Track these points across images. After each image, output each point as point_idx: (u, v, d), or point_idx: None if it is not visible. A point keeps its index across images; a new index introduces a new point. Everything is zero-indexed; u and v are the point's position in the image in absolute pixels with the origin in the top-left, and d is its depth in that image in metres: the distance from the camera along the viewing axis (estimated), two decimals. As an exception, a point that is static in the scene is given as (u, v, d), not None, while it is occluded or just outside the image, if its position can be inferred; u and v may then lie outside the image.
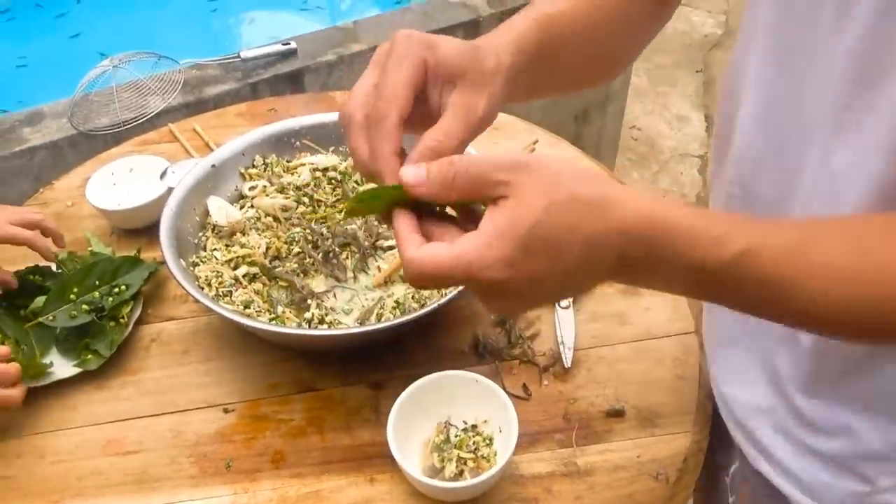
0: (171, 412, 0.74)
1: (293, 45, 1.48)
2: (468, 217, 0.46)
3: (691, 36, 3.14)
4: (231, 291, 0.78)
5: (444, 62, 0.48)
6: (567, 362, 0.79)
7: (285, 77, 1.44)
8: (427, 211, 0.45)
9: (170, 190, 0.93)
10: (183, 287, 0.72)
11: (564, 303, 0.85)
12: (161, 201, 0.92)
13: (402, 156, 0.47)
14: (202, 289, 0.78)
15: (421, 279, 0.42)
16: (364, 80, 0.48)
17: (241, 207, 0.89)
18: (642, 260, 0.43)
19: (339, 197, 0.91)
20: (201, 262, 0.81)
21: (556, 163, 0.43)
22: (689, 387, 0.78)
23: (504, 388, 0.76)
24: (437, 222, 0.45)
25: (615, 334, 0.84)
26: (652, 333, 0.84)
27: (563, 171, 0.43)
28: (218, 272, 0.79)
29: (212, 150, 1.09)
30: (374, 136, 0.46)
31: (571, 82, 0.65)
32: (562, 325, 0.83)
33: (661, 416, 0.75)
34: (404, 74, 0.47)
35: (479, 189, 0.42)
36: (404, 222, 0.44)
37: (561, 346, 0.81)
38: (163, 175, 0.96)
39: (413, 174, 0.43)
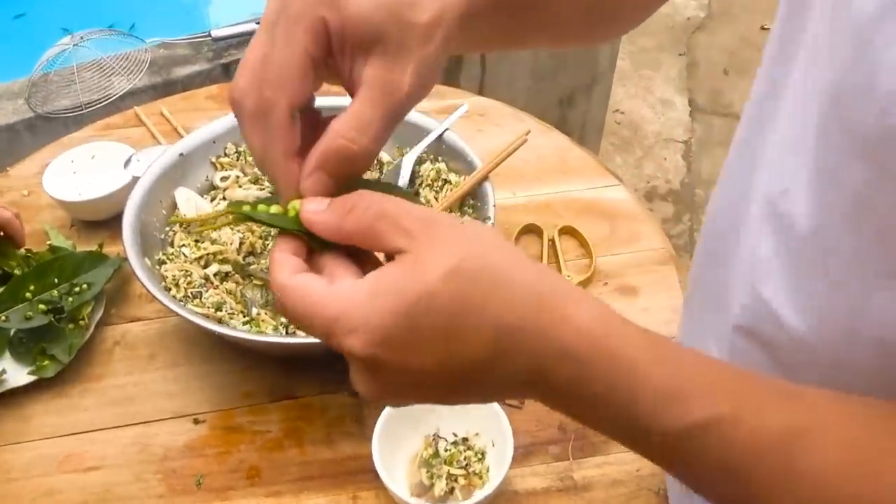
0: (137, 423, 0.69)
1: (268, 23, 1.40)
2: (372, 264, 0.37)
3: (674, 18, 3.10)
4: (201, 292, 0.72)
5: (352, 22, 0.36)
6: (561, 368, 0.74)
7: (260, 57, 1.36)
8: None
9: (134, 179, 0.87)
10: (148, 290, 0.66)
11: (557, 303, 0.81)
12: (125, 192, 0.85)
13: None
14: (169, 290, 0.72)
15: (287, 314, 0.34)
16: (252, 51, 0.36)
17: (212, 200, 0.83)
18: (569, 386, 0.33)
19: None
20: (168, 259, 0.75)
21: (487, 231, 0.35)
22: (689, 393, 0.74)
23: (495, 396, 0.72)
24: (339, 255, 0.36)
25: (611, 337, 0.79)
26: (649, 336, 0.79)
27: (488, 238, 0.34)
28: (186, 271, 0.73)
29: (180, 135, 1.02)
30: (263, 131, 0.36)
31: (556, 34, 0.50)
32: (555, 327, 0.78)
33: (660, 426, 0.71)
34: (296, 46, 0.35)
35: (376, 235, 0.33)
36: (286, 240, 0.36)
37: (554, 350, 0.76)
38: (127, 163, 0.89)
39: (311, 209, 0.35)
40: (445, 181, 0.84)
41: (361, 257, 0.36)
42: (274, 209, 0.36)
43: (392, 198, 0.34)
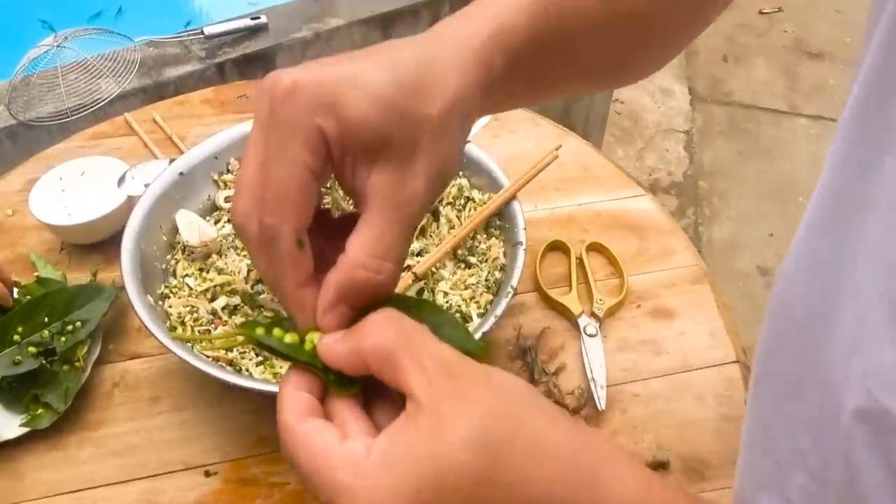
0: (141, 477, 0.63)
1: (263, 18, 1.33)
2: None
3: (674, 5, 3.02)
4: (209, 330, 0.66)
5: (352, 127, 0.31)
6: (601, 404, 0.69)
7: (255, 56, 1.29)
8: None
9: (129, 199, 0.80)
10: (156, 337, 0.60)
11: (591, 329, 0.76)
12: (119, 212, 0.79)
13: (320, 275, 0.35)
14: (174, 328, 0.65)
15: (290, 460, 0.31)
16: (248, 164, 0.32)
17: (217, 222, 0.77)
18: None
19: (330, 205, 0.79)
20: (172, 293, 0.69)
21: (516, 386, 0.31)
22: (737, 429, 0.69)
23: (530, 437, 0.66)
24: (354, 406, 0.32)
25: (649, 367, 0.74)
26: (689, 364, 0.74)
27: (518, 395, 0.31)
28: (193, 306, 0.67)
29: (175, 144, 0.95)
30: (270, 260, 0.32)
31: (585, 81, 0.47)
32: (590, 358, 0.73)
33: (710, 467, 0.66)
34: (294, 165, 0.31)
35: (394, 367, 0.30)
36: (299, 375, 0.33)
37: (592, 384, 0.71)
38: (121, 181, 0.82)
39: (330, 342, 0.32)
40: (468, 199, 0.78)
41: (380, 397, 0.33)
42: (289, 338, 0.33)
43: (417, 326, 0.31)
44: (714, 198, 2.32)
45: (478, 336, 0.61)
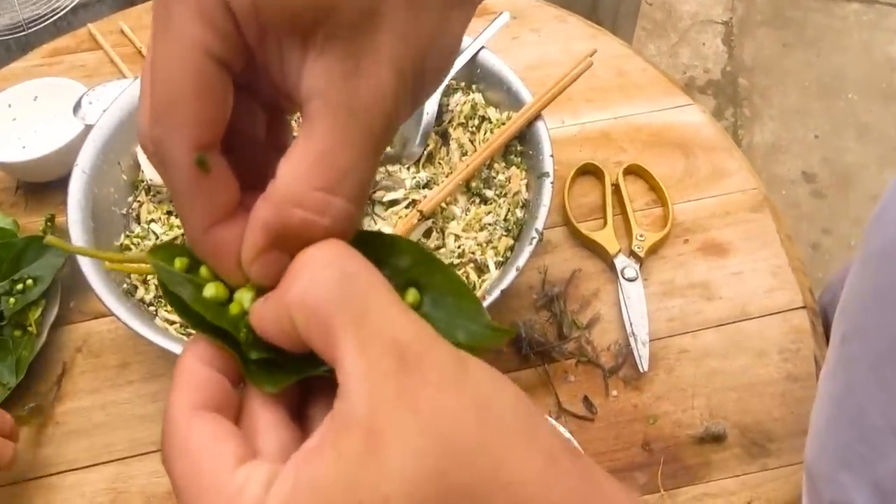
0: (108, 461, 0.54)
1: None
2: None
3: None
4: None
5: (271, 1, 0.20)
6: (642, 364, 0.59)
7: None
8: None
9: (87, 129, 0.68)
10: (104, 303, 0.49)
11: (630, 271, 0.64)
12: (76, 145, 0.67)
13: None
14: (136, 288, 0.55)
15: (166, 459, 0.22)
16: (147, 53, 0.23)
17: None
18: None
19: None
20: (134, 244, 0.58)
21: (500, 388, 0.20)
22: (806, 391, 0.59)
23: (559, 405, 0.56)
24: (278, 409, 0.23)
25: (699, 315, 0.63)
26: (747, 312, 0.63)
27: (508, 403, 0.20)
28: (156, 261, 0.56)
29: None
30: (175, 189, 0.23)
31: None
32: (630, 307, 0.62)
33: (773, 440, 0.56)
34: (180, 47, 0.21)
35: (327, 335, 0.20)
36: (207, 346, 0.23)
37: (632, 339, 0.60)
38: (76, 106, 0.70)
39: (257, 312, 0.22)
40: (483, 118, 0.65)
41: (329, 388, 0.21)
42: (212, 290, 0.23)
43: (373, 275, 0.20)
44: (755, 96, 2.13)
45: (493, 298, 0.50)
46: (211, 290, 0.23)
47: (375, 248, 0.23)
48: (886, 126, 2.01)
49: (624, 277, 0.64)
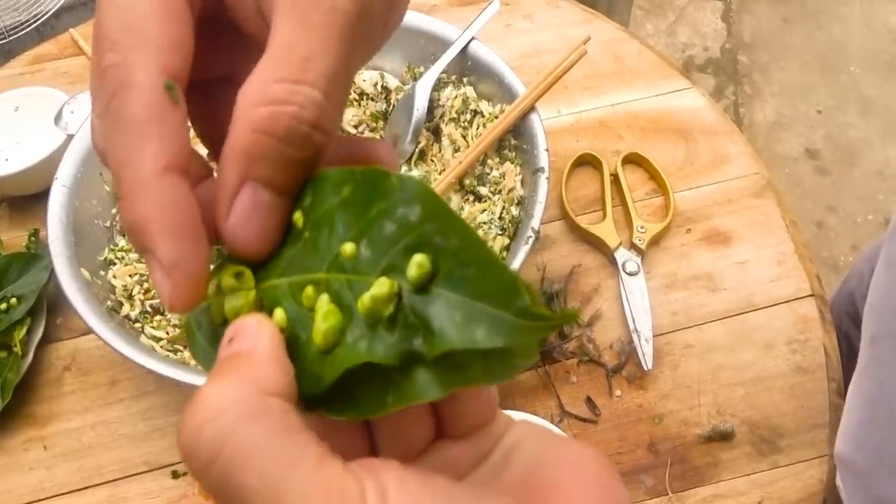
0: (99, 483, 0.53)
1: None
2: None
3: None
4: (162, 307, 0.54)
5: None
6: (646, 362, 0.57)
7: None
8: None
9: (69, 139, 0.66)
10: (84, 321, 0.48)
11: (632, 265, 0.62)
12: (59, 156, 0.65)
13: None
14: (121, 305, 0.53)
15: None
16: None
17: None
18: None
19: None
20: (118, 258, 0.56)
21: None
22: (815, 383, 0.57)
23: (562, 407, 0.55)
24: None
25: (703, 308, 0.61)
26: (753, 303, 0.61)
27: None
28: (142, 274, 0.54)
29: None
30: (118, 138, 0.19)
31: None
32: (632, 302, 0.60)
33: (783, 435, 0.54)
34: None
35: None
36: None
37: (635, 336, 0.58)
38: (58, 116, 0.68)
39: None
40: (475, 113, 0.63)
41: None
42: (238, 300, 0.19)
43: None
44: (755, 73, 2.09)
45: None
46: (218, 308, 0.19)
47: (379, 189, 0.18)
48: (889, 99, 1.98)
49: (625, 272, 0.62)
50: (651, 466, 0.53)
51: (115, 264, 0.55)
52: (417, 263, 0.16)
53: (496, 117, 0.61)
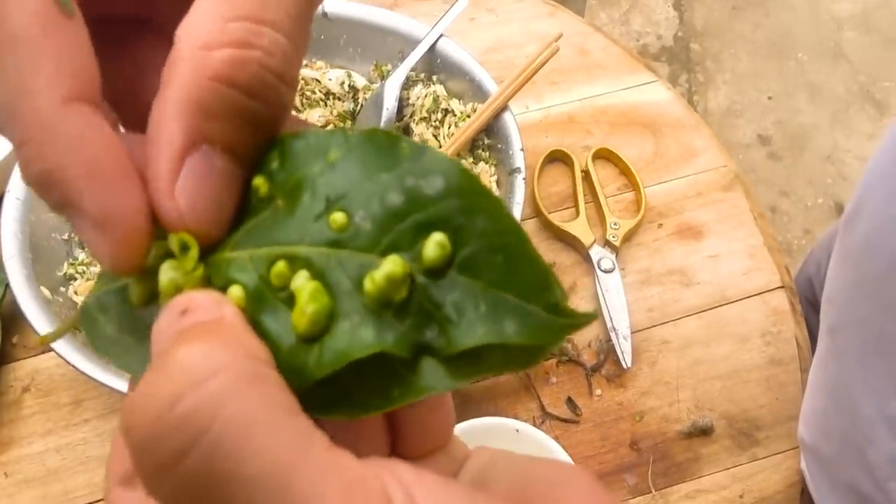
0: (68, 509, 0.50)
1: None
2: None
3: None
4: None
5: None
6: (625, 360, 0.57)
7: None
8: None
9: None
10: (50, 346, 0.45)
11: (607, 262, 0.62)
12: (8, 165, 0.62)
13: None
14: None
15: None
16: None
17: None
18: None
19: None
20: (79, 272, 0.53)
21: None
22: (789, 375, 0.58)
23: (543, 409, 0.54)
24: None
25: (678, 303, 0.61)
26: (727, 296, 0.62)
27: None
28: (104, 288, 0.52)
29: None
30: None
31: None
32: (609, 300, 0.60)
33: (760, 428, 0.55)
34: None
35: None
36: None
37: (612, 334, 0.58)
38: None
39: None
40: (446, 111, 0.62)
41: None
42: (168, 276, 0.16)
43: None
44: (708, 61, 2.13)
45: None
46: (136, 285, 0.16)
47: (384, 155, 0.15)
48: (835, 85, 2.03)
49: (601, 269, 0.62)
50: (634, 465, 0.53)
51: (75, 279, 0.53)
52: (437, 243, 0.14)
53: (468, 116, 0.60)
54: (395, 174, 0.15)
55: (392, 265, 0.14)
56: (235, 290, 0.15)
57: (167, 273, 0.15)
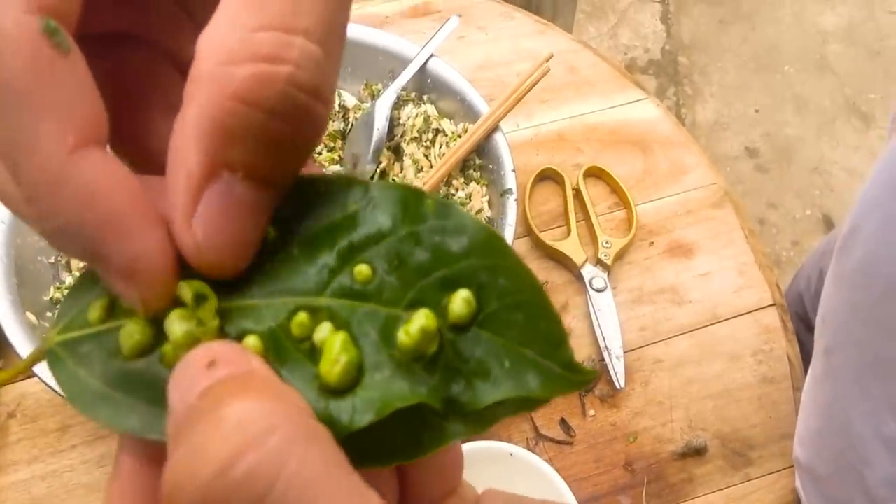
0: (55, 538, 0.50)
1: None
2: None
3: None
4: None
5: None
6: (619, 380, 0.57)
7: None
8: None
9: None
10: (35, 373, 0.45)
11: (599, 281, 0.62)
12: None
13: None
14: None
15: None
16: None
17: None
18: None
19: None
20: (65, 296, 0.53)
21: None
22: (781, 393, 0.58)
23: (537, 430, 0.54)
24: None
25: (670, 322, 0.61)
26: (718, 315, 0.62)
27: None
28: (92, 313, 0.51)
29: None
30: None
31: None
32: (601, 319, 0.60)
33: (754, 447, 0.55)
34: None
35: None
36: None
37: (605, 354, 0.58)
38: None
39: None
40: (437, 131, 0.62)
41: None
42: (134, 333, 0.15)
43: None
44: (695, 74, 2.15)
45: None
46: (132, 333, 0.15)
47: (409, 211, 0.15)
48: (821, 97, 2.05)
49: (593, 288, 0.62)
50: (628, 486, 0.53)
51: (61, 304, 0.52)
52: (465, 299, 0.15)
53: (459, 136, 0.60)
54: (421, 230, 0.15)
55: (426, 319, 0.15)
56: (252, 341, 0.15)
57: (180, 324, 0.15)
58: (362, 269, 0.15)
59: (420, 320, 0.14)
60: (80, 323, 0.16)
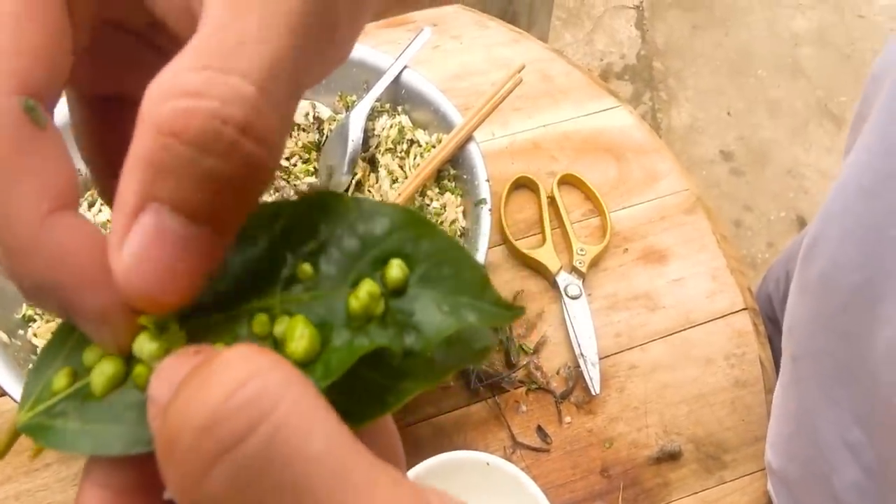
0: (30, 559, 0.49)
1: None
2: None
3: None
4: (90, 363, 0.50)
5: None
6: (594, 386, 0.57)
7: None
8: None
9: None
10: (5, 391, 0.44)
11: (574, 288, 0.63)
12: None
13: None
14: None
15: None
16: None
17: (92, 206, 0.59)
18: None
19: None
20: (37, 314, 0.52)
21: None
22: (754, 396, 0.59)
23: (513, 438, 0.54)
24: None
25: (645, 327, 0.62)
26: (692, 319, 0.63)
27: None
28: (65, 329, 0.51)
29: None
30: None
31: None
32: (576, 326, 0.61)
33: (727, 451, 0.56)
34: None
35: None
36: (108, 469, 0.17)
37: (581, 360, 0.59)
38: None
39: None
40: (412, 142, 0.62)
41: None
42: (107, 367, 0.16)
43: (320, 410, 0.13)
44: (670, 79, 2.17)
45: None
46: (105, 369, 0.16)
47: (330, 212, 0.17)
48: (794, 100, 2.09)
49: (568, 296, 0.62)
50: (605, 492, 0.53)
51: (34, 321, 0.52)
52: (398, 266, 0.17)
53: (433, 147, 0.60)
54: (347, 224, 0.17)
55: (369, 285, 0.17)
56: (220, 347, 0.16)
57: (150, 342, 0.15)
58: (304, 269, 0.17)
59: (365, 286, 0.17)
60: (47, 395, 0.17)
